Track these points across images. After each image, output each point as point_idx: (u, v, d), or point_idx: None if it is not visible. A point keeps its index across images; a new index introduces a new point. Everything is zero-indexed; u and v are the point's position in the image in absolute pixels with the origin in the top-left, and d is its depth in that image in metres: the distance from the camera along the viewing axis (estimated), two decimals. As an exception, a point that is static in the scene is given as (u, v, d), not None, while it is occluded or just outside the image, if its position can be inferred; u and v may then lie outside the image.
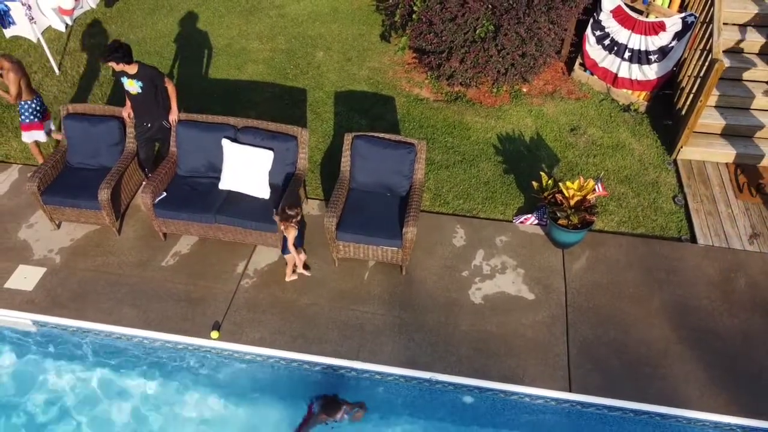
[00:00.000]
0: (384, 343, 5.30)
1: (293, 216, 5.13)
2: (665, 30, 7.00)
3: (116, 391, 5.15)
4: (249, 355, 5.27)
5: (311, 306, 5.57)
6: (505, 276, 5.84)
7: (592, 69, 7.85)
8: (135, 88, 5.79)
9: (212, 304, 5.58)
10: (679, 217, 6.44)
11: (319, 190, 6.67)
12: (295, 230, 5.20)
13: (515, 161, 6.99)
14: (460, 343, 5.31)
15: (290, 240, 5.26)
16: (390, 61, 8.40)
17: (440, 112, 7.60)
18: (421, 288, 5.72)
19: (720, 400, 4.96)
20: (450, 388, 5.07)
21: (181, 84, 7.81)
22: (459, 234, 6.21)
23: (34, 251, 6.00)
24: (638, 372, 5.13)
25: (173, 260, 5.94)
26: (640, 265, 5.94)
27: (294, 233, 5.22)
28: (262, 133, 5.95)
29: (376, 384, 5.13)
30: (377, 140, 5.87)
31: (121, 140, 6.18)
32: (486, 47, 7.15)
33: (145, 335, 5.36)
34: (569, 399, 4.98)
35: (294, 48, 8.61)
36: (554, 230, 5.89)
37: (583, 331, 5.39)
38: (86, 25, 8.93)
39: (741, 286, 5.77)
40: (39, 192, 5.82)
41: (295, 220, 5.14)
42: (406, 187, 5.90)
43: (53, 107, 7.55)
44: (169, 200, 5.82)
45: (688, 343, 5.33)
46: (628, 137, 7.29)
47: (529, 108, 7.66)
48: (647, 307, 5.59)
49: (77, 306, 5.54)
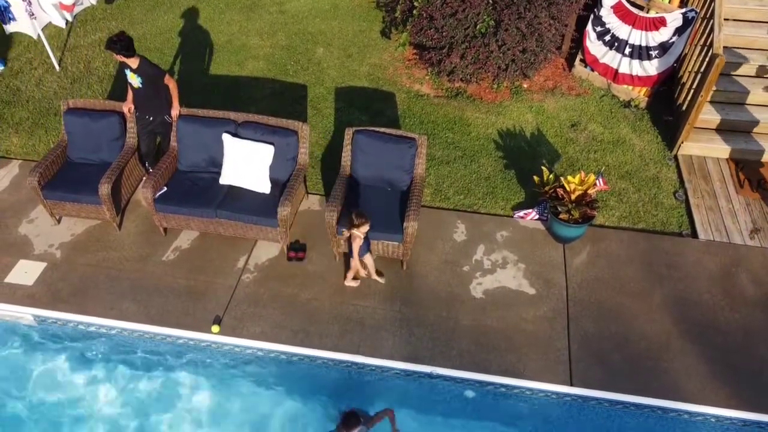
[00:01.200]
0: (385, 338, 5.29)
1: (359, 225, 5.05)
2: (666, 25, 7.00)
3: (115, 385, 5.15)
4: (250, 349, 5.27)
5: (312, 301, 5.57)
6: (506, 271, 5.83)
7: (592, 65, 7.85)
8: (136, 82, 5.80)
9: (213, 298, 5.58)
10: (680, 212, 6.44)
11: (320, 185, 6.66)
12: (360, 239, 5.16)
13: (516, 157, 6.98)
14: (461, 337, 5.30)
15: (355, 248, 5.23)
16: (390, 58, 8.39)
17: (441, 108, 7.59)
18: (422, 283, 5.71)
19: (721, 394, 4.96)
20: (451, 382, 5.07)
21: (182, 80, 7.81)
22: (460, 229, 6.20)
23: (35, 246, 5.99)
24: (639, 366, 5.12)
25: (174, 255, 5.93)
26: (641, 260, 5.93)
27: (359, 242, 5.18)
28: (263, 127, 5.94)
29: (377, 378, 5.13)
30: (378, 135, 5.86)
31: (122, 135, 6.18)
32: (486, 43, 7.15)
33: (146, 330, 5.36)
34: (570, 393, 4.98)
35: (294, 44, 8.60)
36: (555, 225, 5.89)
37: (584, 326, 5.38)
38: (86, 22, 8.93)
39: (742, 280, 5.76)
40: (39, 187, 5.81)
41: (362, 230, 5.07)
42: (406, 181, 5.89)
43: (53, 103, 7.57)
44: (170, 195, 5.81)
45: (689, 338, 5.32)
46: (629, 133, 7.29)
47: (530, 104, 7.66)
48: (648, 302, 5.59)
49: (78, 301, 5.54)
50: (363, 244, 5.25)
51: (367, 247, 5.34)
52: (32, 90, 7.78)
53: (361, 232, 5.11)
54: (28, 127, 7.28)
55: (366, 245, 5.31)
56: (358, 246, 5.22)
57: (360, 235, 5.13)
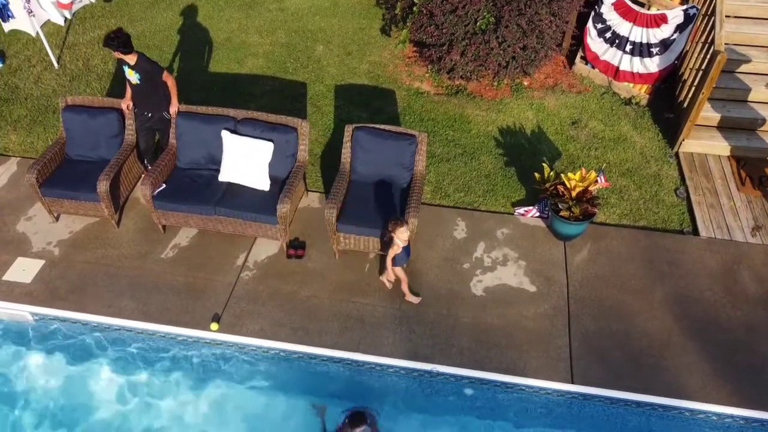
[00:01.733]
0: (385, 336, 5.26)
1: (395, 231, 4.93)
2: (667, 22, 6.97)
3: (113, 383, 5.12)
4: (249, 347, 5.24)
5: (311, 298, 5.54)
6: (507, 268, 5.80)
7: (593, 62, 7.82)
8: (134, 78, 5.78)
9: (212, 296, 5.55)
10: (681, 209, 6.41)
11: (320, 183, 6.63)
12: (399, 247, 5.02)
13: (516, 154, 6.95)
14: (461, 334, 5.28)
15: (391, 254, 5.08)
16: (390, 55, 8.36)
17: (441, 106, 7.56)
18: (422, 280, 5.68)
19: (723, 391, 4.93)
20: (451, 380, 5.04)
21: (181, 78, 7.77)
22: (460, 227, 6.17)
23: (33, 244, 5.96)
24: (640, 364, 5.09)
25: (172, 253, 5.90)
26: (642, 257, 5.90)
27: (397, 249, 5.04)
28: (262, 124, 5.91)
29: (377, 376, 5.10)
30: (378, 132, 5.84)
31: (121, 132, 6.15)
32: (487, 39, 7.11)
33: (145, 327, 5.33)
34: (571, 391, 4.95)
35: (294, 42, 8.57)
36: (556, 222, 5.86)
37: (585, 323, 5.35)
38: (85, 19, 8.89)
39: (744, 278, 5.73)
40: (38, 184, 5.78)
41: (401, 236, 4.94)
42: (407, 178, 5.86)
43: (52, 101, 7.53)
44: (169, 192, 5.78)
45: (691, 335, 5.30)
46: (630, 130, 7.26)
47: (530, 101, 7.63)
48: (649, 300, 5.56)
49: (76, 298, 5.51)
50: (401, 254, 5.11)
51: (405, 256, 5.19)
52: (31, 87, 7.75)
53: (401, 239, 4.96)
54: (26, 124, 7.25)
55: (405, 254, 5.16)
56: (394, 253, 5.07)
57: (399, 242, 4.98)
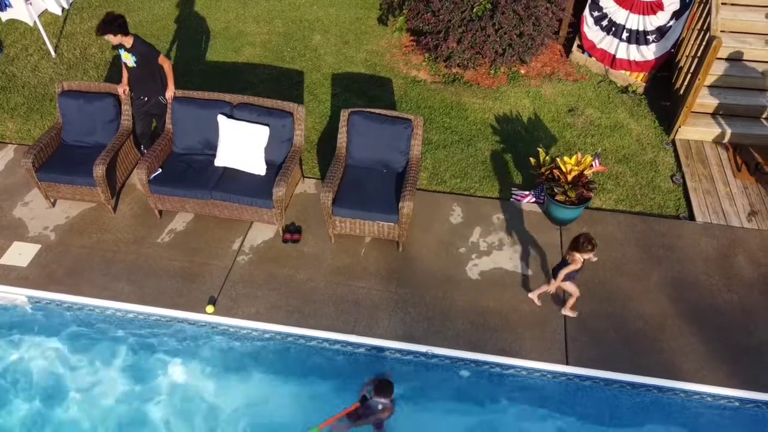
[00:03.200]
0: (380, 318, 5.27)
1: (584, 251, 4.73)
2: (663, 9, 6.97)
3: (111, 366, 5.12)
4: (244, 329, 5.24)
5: (307, 282, 5.54)
6: (503, 252, 5.81)
7: (590, 50, 7.82)
8: (130, 61, 5.77)
9: (208, 280, 5.55)
10: (677, 195, 6.42)
11: (317, 170, 6.64)
12: (578, 265, 4.81)
13: (513, 141, 6.96)
14: (457, 317, 5.28)
15: (566, 270, 4.85)
16: (387, 44, 8.37)
17: (438, 94, 7.57)
18: (418, 264, 5.69)
19: (718, 372, 4.93)
20: (447, 362, 5.05)
21: (179, 67, 7.78)
22: (456, 212, 6.18)
23: (29, 229, 5.96)
24: (636, 345, 5.10)
25: (168, 237, 5.91)
26: (638, 242, 5.91)
27: (575, 267, 4.82)
28: (258, 109, 5.91)
29: (373, 358, 5.11)
30: (374, 116, 5.84)
31: (117, 117, 6.14)
32: (483, 26, 7.12)
33: (140, 310, 5.33)
34: (566, 372, 4.95)
35: (291, 31, 8.57)
36: (552, 206, 5.86)
37: (580, 306, 5.35)
38: (83, 9, 8.88)
39: (739, 262, 5.74)
40: (34, 169, 5.78)
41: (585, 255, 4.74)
42: (402, 163, 5.87)
43: (49, 89, 7.54)
44: (165, 177, 5.78)
45: (687, 318, 5.30)
46: (626, 118, 7.26)
47: (527, 89, 7.63)
48: (645, 283, 5.57)
49: (72, 282, 5.51)
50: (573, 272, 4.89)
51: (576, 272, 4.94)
52: (28, 76, 7.75)
53: (584, 256, 4.75)
54: (23, 112, 7.25)
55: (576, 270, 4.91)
56: (570, 270, 4.84)
57: (580, 261, 4.79)
